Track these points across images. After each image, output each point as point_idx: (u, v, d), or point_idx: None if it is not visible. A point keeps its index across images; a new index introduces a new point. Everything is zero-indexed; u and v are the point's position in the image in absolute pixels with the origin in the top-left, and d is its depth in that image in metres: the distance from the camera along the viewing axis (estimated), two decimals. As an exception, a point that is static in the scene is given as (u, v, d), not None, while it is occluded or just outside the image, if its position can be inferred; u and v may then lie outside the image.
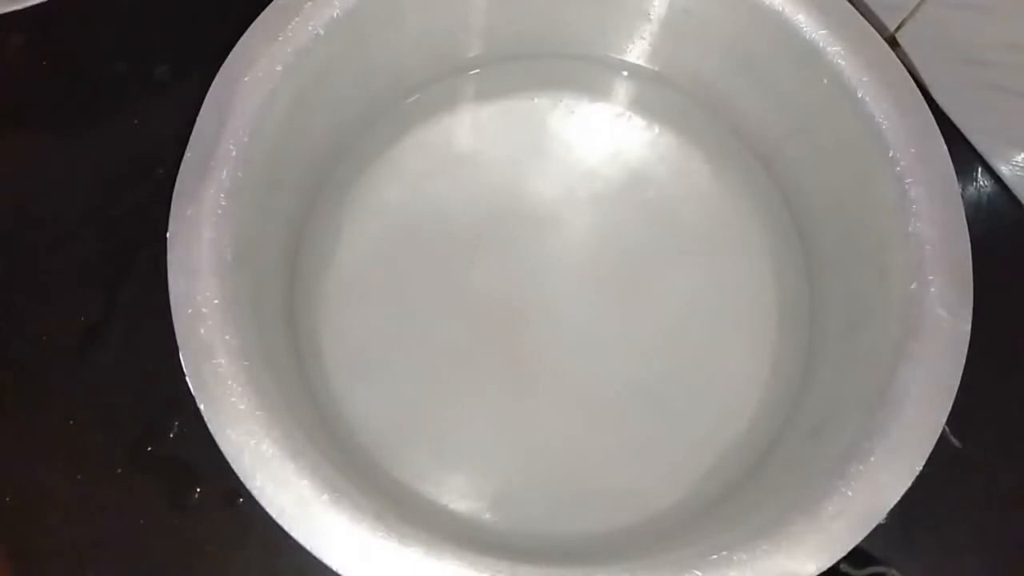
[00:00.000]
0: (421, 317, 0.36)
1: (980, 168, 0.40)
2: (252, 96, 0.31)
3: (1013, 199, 0.40)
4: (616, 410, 0.35)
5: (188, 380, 0.27)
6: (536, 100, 0.39)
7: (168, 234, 0.29)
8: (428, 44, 0.37)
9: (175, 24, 0.42)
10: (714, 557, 0.26)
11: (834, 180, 0.35)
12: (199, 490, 0.34)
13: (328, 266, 0.36)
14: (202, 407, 0.27)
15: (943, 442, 0.27)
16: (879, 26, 0.39)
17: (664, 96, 0.40)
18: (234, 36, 0.31)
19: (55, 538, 0.33)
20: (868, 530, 0.26)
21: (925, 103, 0.32)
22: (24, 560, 0.33)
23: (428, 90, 0.39)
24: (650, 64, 0.40)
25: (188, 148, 0.30)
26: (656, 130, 0.39)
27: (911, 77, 0.32)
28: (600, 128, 0.39)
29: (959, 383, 0.28)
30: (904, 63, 0.32)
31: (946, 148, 0.31)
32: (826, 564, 0.26)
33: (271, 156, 0.31)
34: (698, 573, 0.26)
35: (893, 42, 0.40)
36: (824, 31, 0.33)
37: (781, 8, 0.33)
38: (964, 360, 0.28)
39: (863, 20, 0.33)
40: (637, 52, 0.39)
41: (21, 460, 0.34)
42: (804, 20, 0.33)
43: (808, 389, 0.34)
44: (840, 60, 0.33)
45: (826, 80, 0.33)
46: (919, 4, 0.39)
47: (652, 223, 0.38)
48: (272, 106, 0.31)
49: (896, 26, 0.40)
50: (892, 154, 0.31)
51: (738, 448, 0.34)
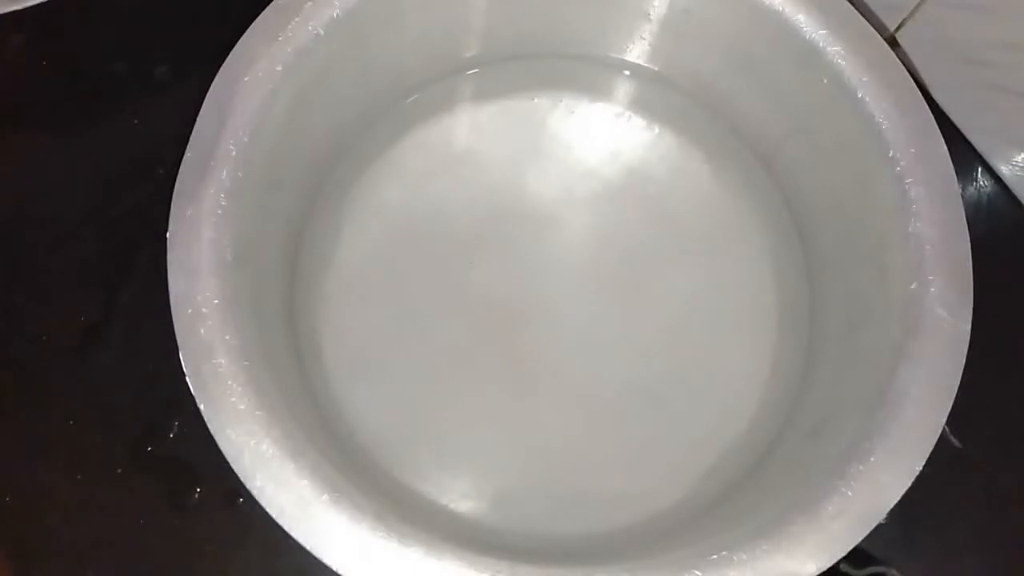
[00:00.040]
0: (421, 317, 0.36)
1: (980, 168, 0.40)
2: (252, 96, 0.31)
3: (1013, 199, 0.40)
4: (616, 410, 0.35)
5: (188, 380, 0.27)
6: (536, 100, 0.39)
7: (168, 234, 0.29)
8: (428, 44, 0.37)
9: (175, 24, 0.42)
10: (714, 557, 0.26)
11: (834, 180, 0.35)
12: (199, 490, 0.34)
13: (328, 266, 0.36)
14: (202, 407, 0.27)
15: (943, 442, 0.27)
16: (879, 26, 0.39)
17: (664, 96, 0.40)
18: (234, 36, 0.31)
19: (55, 538, 0.33)
20: (868, 530, 0.26)
21: (925, 103, 0.32)
22: (24, 560, 0.33)
23: (428, 90, 0.39)
24: (650, 64, 0.40)
25: (188, 148, 0.30)
26: (656, 130, 0.39)
27: (911, 77, 0.32)
28: (600, 128, 0.39)
29: (959, 383, 0.28)
30: (904, 63, 0.32)
31: (946, 148, 0.31)
32: (826, 564, 0.26)
33: (271, 156, 0.31)
34: (698, 573, 0.26)
35: (893, 42, 0.40)
36: (824, 31, 0.33)
37: (781, 8, 0.33)
38: (964, 360, 0.28)
39: (863, 20, 0.33)
40: (637, 52, 0.39)
41: (21, 460, 0.34)
42: (804, 20, 0.33)
43: (808, 389, 0.34)
44: (840, 60, 0.33)
45: (826, 80, 0.33)
46: (919, 4, 0.39)
47: (652, 223, 0.38)
48: (272, 106, 0.31)
49: (896, 26, 0.40)
50: (892, 154, 0.31)
51: (738, 448, 0.34)
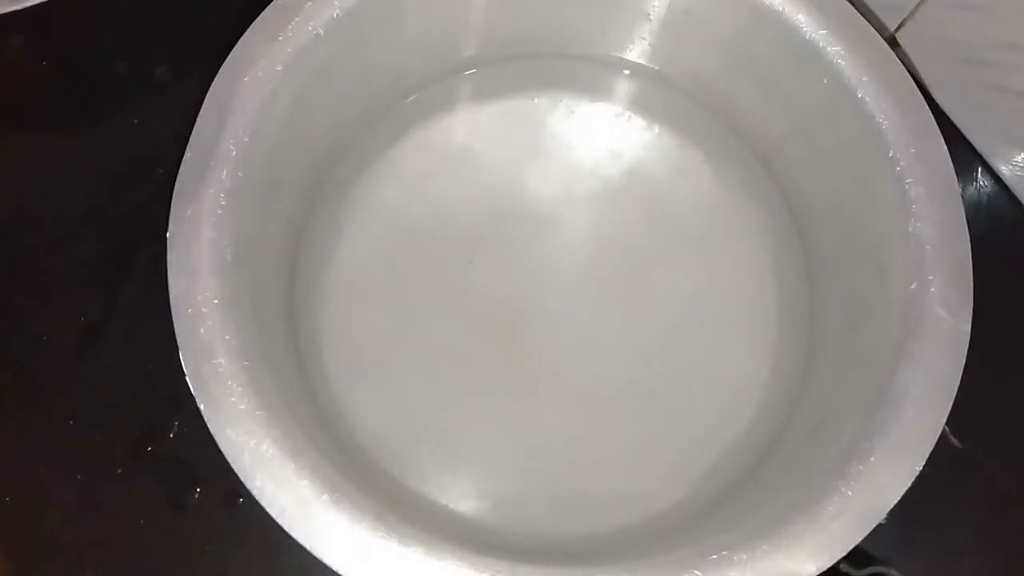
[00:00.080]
0: (421, 317, 0.36)
1: (980, 168, 0.40)
2: (252, 96, 0.31)
3: (1013, 199, 0.40)
4: (616, 410, 0.35)
5: (188, 380, 0.27)
6: (536, 100, 0.39)
7: (168, 234, 0.29)
8: (428, 44, 0.37)
9: (175, 24, 0.42)
10: (714, 557, 0.26)
11: (834, 180, 0.35)
12: (199, 490, 0.34)
13: (328, 266, 0.36)
14: (202, 407, 0.27)
15: (943, 442, 0.27)
16: (879, 26, 0.39)
17: (664, 96, 0.40)
18: (234, 36, 0.31)
19: (55, 538, 0.33)
20: (868, 530, 0.26)
21: (925, 103, 0.32)
22: (24, 560, 0.33)
23: (428, 90, 0.39)
24: (650, 64, 0.40)
25: (188, 148, 0.30)
26: (656, 130, 0.39)
27: (911, 77, 0.32)
28: (600, 128, 0.39)
29: (959, 383, 0.28)
30: (904, 63, 0.32)
31: (946, 148, 0.31)
32: (826, 564, 0.26)
33: (271, 156, 0.31)
34: (698, 573, 0.26)
35: (893, 42, 0.40)
36: (824, 31, 0.33)
37: (781, 8, 0.33)
38: (964, 360, 0.28)
39: (863, 20, 0.33)
40: (637, 52, 0.39)
41: (21, 460, 0.34)
42: (804, 20, 0.33)
43: (808, 389, 0.34)
44: (840, 60, 0.33)
45: (826, 80, 0.33)
46: (919, 4, 0.39)
47: (652, 223, 0.38)
48: (272, 106, 0.31)
49: (896, 26, 0.40)
50: (892, 154, 0.31)
51: (738, 448, 0.34)
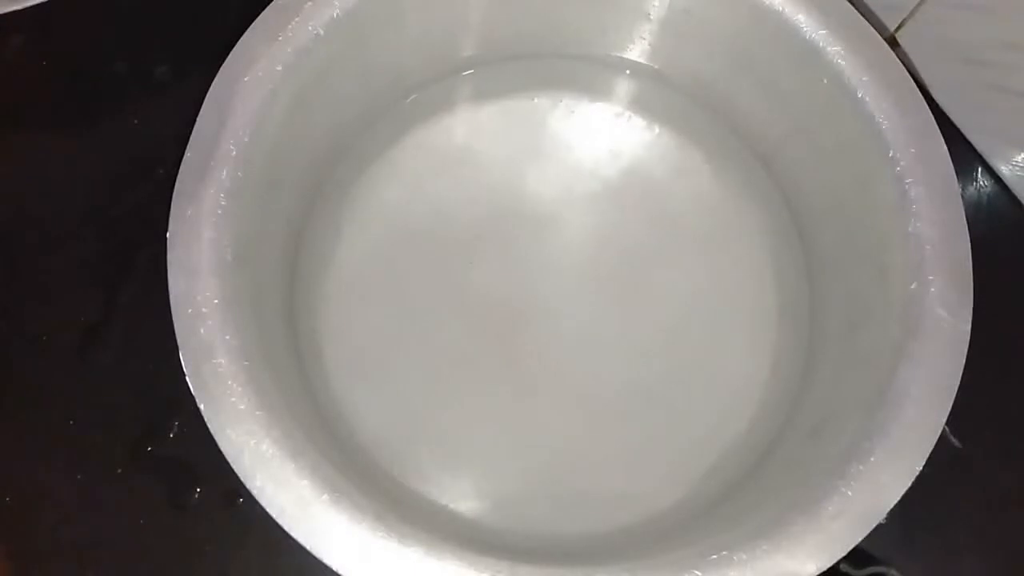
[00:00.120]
0: (421, 317, 0.36)
1: (980, 168, 0.40)
2: (252, 96, 0.31)
3: (1013, 199, 0.40)
4: (616, 410, 0.35)
5: (188, 380, 0.27)
6: (536, 100, 0.39)
7: (168, 234, 0.29)
8: (428, 44, 0.37)
9: (175, 24, 0.42)
10: (714, 557, 0.26)
11: (834, 180, 0.35)
12: (199, 490, 0.34)
13: (328, 266, 0.36)
14: (202, 407, 0.27)
15: (943, 442, 0.27)
16: (879, 26, 0.39)
17: (664, 96, 0.40)
18: (234, 36, 0.31)
19: (55, 538, 0.33)
20: (868, 530, 0.26)
21: (925, 103, 0.32)
22: (24, 560, 0.33)
23: (428, 90, 0.39)
24: (650, 64, 0.39)
25: (188, 148, 0.30)
26: (656, 130, 0.39)
27: (911, 77, 0.32)
28: (600, 128, 0.39)
29: (959, 383, 0.28)
30: (904, 63, 0.32)
31: (946, 148, 0.31)
32: (826, 564, 0.26)
33: (271, 156, 0.31)
34: (698, 573, 0.26)
35: (893, 42, 0.40)
36: (824, 31, 0.33)
37: (781, 8, 0.33)
38: (964, 360, 0.28)
39: (863, 20, 0.33)
40: (637, 52, 0.39)
41: (21, 460, 0.34)
42: (804, 20, 0.33)
43: (808, 389, 0.34)
44: (840, 60, 0.33)
45: (826, 80, 0.33)
46: (919, 4, 0.39)
47: (652, 223, 0.38)
48: (272, 106, 0.31)
49: (896, 26, 0.40)
50: (892, 154, 0.31)
51: (738, 448, 0.34)
